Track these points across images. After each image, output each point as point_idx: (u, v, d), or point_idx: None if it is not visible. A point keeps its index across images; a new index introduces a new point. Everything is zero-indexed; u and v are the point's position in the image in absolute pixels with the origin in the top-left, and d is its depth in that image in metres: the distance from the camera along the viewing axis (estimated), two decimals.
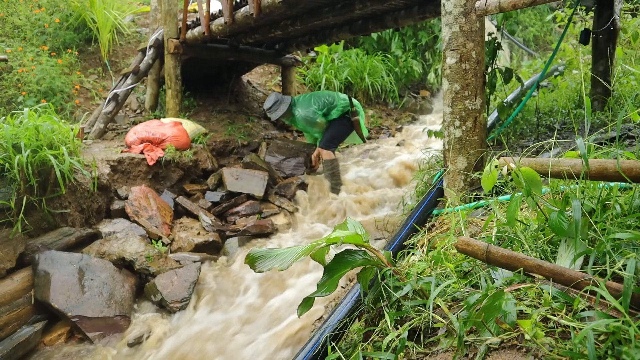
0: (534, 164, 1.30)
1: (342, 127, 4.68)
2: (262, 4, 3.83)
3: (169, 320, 2.85)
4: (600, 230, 1.16)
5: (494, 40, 3.03)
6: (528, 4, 1.94)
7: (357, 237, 1.32)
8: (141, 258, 3.13)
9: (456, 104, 2.28)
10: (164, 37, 5.15)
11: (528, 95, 3.09)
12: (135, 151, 4.18)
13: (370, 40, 7.90)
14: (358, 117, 4.66)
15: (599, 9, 3.06)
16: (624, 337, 0.81)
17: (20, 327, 2.64)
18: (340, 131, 4.71)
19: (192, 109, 5.75)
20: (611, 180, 1.16)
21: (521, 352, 0.91)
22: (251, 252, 1.35)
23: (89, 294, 2.82)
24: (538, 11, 11.41)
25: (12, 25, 6.05)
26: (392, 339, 1.15)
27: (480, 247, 1.16)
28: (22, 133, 3.00)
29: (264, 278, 3.07)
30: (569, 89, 4.18)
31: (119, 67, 6.31)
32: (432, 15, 3.80)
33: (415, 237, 1.96)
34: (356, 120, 4.65)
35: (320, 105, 4.59)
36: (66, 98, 5.56)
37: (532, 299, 1.03)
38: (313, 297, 1.34)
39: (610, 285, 0.94)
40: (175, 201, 4.03)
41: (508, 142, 2.99)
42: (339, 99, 4.65)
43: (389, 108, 7.85)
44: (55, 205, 3.20)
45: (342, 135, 4.77)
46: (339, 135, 4.74)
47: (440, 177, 2.61)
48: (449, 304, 1.19)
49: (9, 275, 2.81)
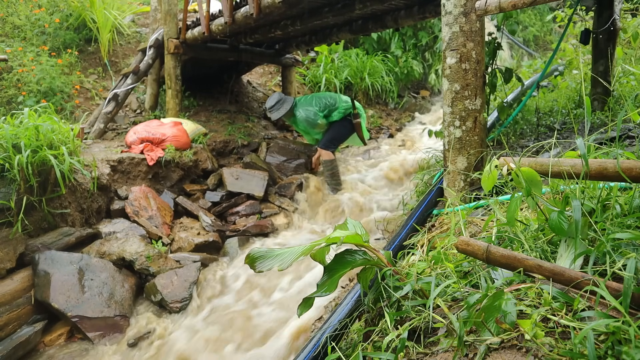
0: (534, 164, 1.30)
1: (342, 128, 4.67)
2: (262, 4, 3.83)
3: (169, 320, 2.85)
4: (600, 230, 1.16)
5: (494, 40, 3.03)
6: (528, 4, 1.94)
7: (357, 237, 1.32)
8: (141, 258, 3.13)
9: (456, 104, 2.29)
10: (164, 37, 5.15)
11: (528, 95, 3.09)
12: (135, 151, 4.18)
13: (370, 40, 7.90)
14: (360, 120, 4.65)
15: (599, 9, 3.06)
16: (624, 337, 0.81)
17: (20, 327, 2.64)
18: (341, 133, 4.70)
19: (192, 109, 5.75)
20: (611, 180, 1.16)
21: (521, 352, 0.91)
22: (251, 252, 1.35)
23: (89, 294, 2.82)
24: (538, 11, 11.40)
25: (12, 25, 6.05)
26: (392, 339, 1.15)
27: (480, 247, 1.16)
28: (22, 133, 3.00)
29: (264, 277, 3.07)
30: (569, 89, 4.19)
31: (119, 67, 6.31)
32: (432, 15, 3.80)
33: (415, 237, 1.96)
34: (357, 122, 4.64)
35: (321, 106, 4.58)
36: (66, 98, 5.56)
37: (532, 299, 1.03)
38: (313, 297, 1.34)
39: (610, 285, 0.94)
40: (175, 201, 4.03)
41: (508, 142, 2.99)
42: (341, 101, 4.64)
43: (389, 108, 7.85)
44: (55, 205, 3.20)
45: (342, 137, 4.76)
46: (339, 136, 4.73)
47: (440, 177, 2.61)
48: (449, 304, 1.19)
49: (9, 275, 2.81)
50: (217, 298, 3.01)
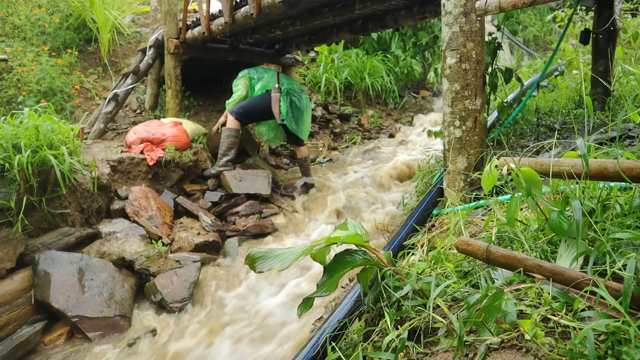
0: (534, 164, 1.30)
1: (259, 98, 4.42)
2: (262, 4, 3.83)
3: (169, 320, 2.85)
4: (600, 230, 1.16)
5: (494, 40, 3.03)
6: (528, 4, 1.94)
7: (357, 237, 1.32)
8: (141, 258, 3.13)
9: (456, 104, 2.29)
10: (164, 37, 5.15)
11: (528, 95, 3.09)
12: (135, 151, 4.18)
13: (370, 40, 7.90)
14: (279, 95, 4.34)
15: (599, 9, 3.06)
16: (624, 337, 0.81)
17: (20, 327, 2.64)
18: (255, 101, 4.42)
19: (192, 109, 5.75)
20: (611, 180, 1.16)
21: (521, 352, 0.91)
22: (251, 253, 1.35)
23: (89, 294, 2.82)
24: (538, 11, 11.40)
25: (12, 25, 6.05)
26: (392, 339, 1.14)
27: (480, 247, 1.16)
28: (22, 133, 3.00)
29: (264, 277, 3.07)
30: (569, 89, 4.19)
31: (119, 67, 6.31)
32: (432, 15, 3.80)
33: (415, 237, 1.96)
34: (276, 97, 4.32)
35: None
36: (66, 98, 5.56)
37: (532, 299, 1.03)
38: (313, 297, 1.34)
39: (610, 285, 0.94)
40: (175, 201, 4.03)
41: (508, 142, 2.99)
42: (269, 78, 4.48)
43: (389, 108, 7.85)
44: (55, 205, 3.19)
45: (255, 107, 4.44)
46: (253, 105, 4.42)
47: (440, 177, 2.61)
48: (449, 304, 1.19)
49: (9, 275, 2.81)
50: (217, 298, 3.01)
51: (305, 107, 4.55)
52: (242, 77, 4.58)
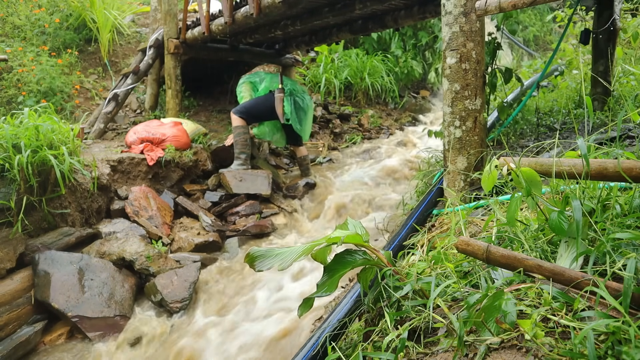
0: (534, 164, 1.30)
1: (262, 99, 4.48)
2: (262, 4, 3.83)
3: (169, 320, 2.85)
4: (600, 230, 1.16)
5: (494, 40, 3.03)
6: (528, 4, 1.94)
7: (357, 237, 1.32)
8: (141, 258, 3.13)
9: (456, 104, 2.29)
10: (164, 37, 5.15)
11: (528, 95, 3.09)
12: (135, 151, 4.18)
13: (370, 40, 7.90)
14: (282, 95, 4.38)
15: (599, 9, 3.06)
16: (624, 337, 0.81)
17: (20, 327, 2.64)
18: (258, 101, 4.48)
19: (192, 109, 5.75)
20: (611, 180, 1.16)
21: (521, 352, 0.91)
22: (251, 252, 1.34)
23: (89, 294, 2.82)
24: (538, 11, 11.40)
25: (12, 25, 6.05)
26: (392, 339, 1.14)
27: (480, 247, 1.16)
28: (22, 133, 3.00)
29: (264, 277, 3.07)
30: (569, 89, 4.18)
31: (119, 67, 6.31)
32: (432, 15, 3.80)
33: (415, 237, 1.96)
34: (280, 96, 4.37)
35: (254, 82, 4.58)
36: (66, 98, 5.56)
37: (532, 299, 1.03)
38: (313, 297, 1.34)
39: (610, 285, 0.94)
40: (175, 201, 4.03)
41: (508, 142, 2.99)
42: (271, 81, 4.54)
43: (389, 108, 7.85)
44: (55, 205, 3.19)
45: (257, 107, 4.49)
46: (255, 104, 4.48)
47: (440, 177, 2.61)
48: (449, 304, 1.19)
49: (9, 275, 2.81)
50: (217, 298, 3.01)
51: (308, 107, 4.59)
52: (243, 83, 4.62)
